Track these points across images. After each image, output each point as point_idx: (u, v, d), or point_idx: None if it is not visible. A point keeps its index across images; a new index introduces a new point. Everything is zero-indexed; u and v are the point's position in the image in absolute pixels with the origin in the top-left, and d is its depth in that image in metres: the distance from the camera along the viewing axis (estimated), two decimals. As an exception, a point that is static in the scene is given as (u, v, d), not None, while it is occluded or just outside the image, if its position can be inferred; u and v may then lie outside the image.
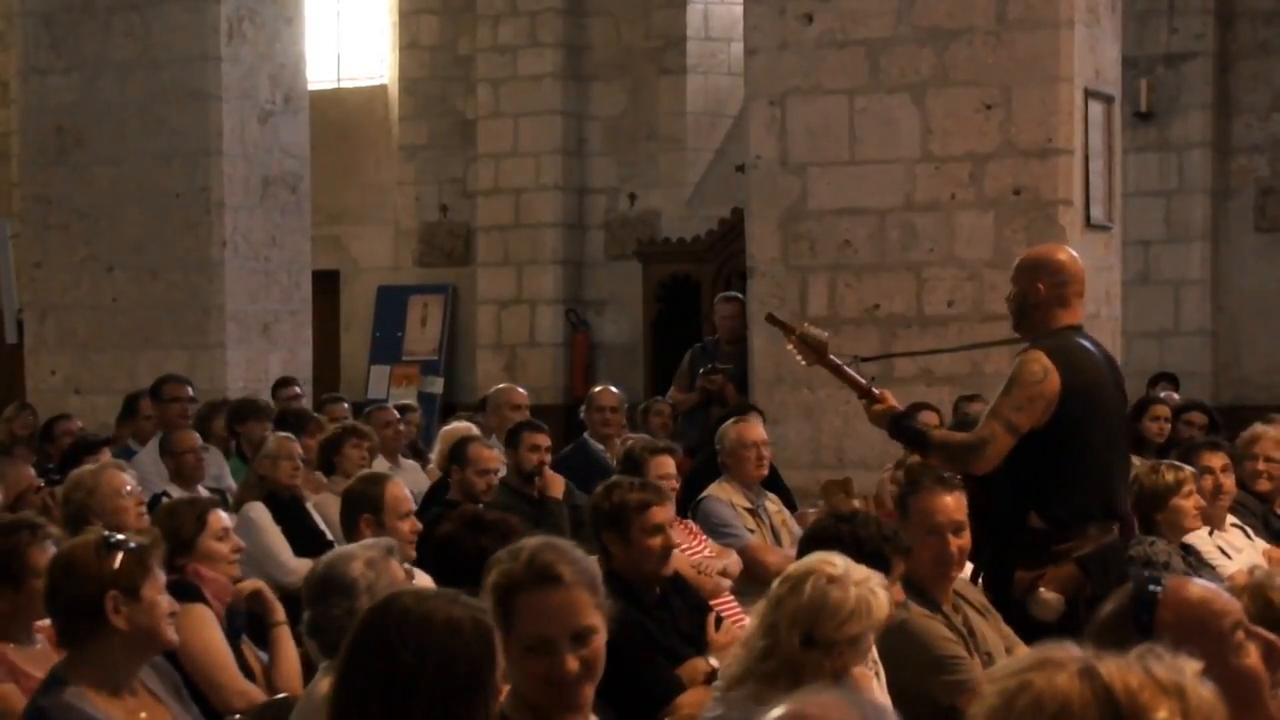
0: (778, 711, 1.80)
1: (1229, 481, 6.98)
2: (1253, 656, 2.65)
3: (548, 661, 3.09)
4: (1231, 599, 2.77)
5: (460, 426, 8.58)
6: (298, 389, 10.62)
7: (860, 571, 3.77)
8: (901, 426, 5.68)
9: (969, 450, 5.38)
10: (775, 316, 6.42)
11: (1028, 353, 5.43)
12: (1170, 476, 6.33)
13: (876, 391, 5.75)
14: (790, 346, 5.87)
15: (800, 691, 1.86)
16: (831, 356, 5.79)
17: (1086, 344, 5.56)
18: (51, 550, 4.44)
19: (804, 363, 5.87)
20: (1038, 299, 5.49)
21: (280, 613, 5.15)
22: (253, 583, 5.32)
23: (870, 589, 3.73)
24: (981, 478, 5.28)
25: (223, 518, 5.38)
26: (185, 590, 4.85)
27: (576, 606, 3.12)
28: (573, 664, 3.09)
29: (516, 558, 3.16)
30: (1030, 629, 5.11)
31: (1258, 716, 2.61)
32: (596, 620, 3.14)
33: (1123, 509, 5.69)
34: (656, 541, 4.96)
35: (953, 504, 4.92)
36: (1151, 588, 2.70)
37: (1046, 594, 5.30)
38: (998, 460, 5.32)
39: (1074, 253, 5.75)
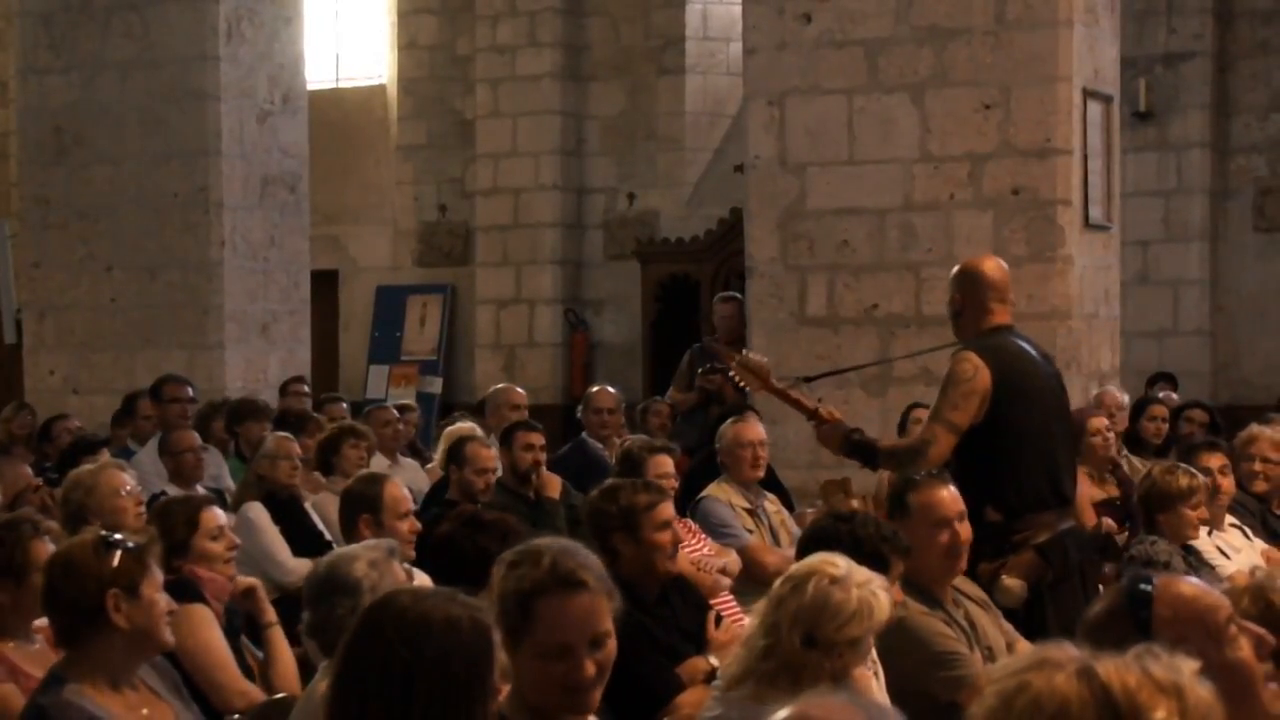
0: (783, 713, 1.80)
1: (1227, 482, 6.99)
2: (1245, 650, 2.68)
3: (566, 666, 3.08)
4: (1221, 595, 2.80)
5: (464, 426, 8.58)
6: (306, 388, 10.63)
7: (862, 573, 3.77)
8: (851, 442, 5.86)
9: (914, 453, 5.64)
10: (716, 345, 6.60)
11: (958, 354, 5.77)
12: (1184, 482, 6.30)
13: (823, 412, 5.98)
14: (733, 374, 6.07)
15: (804, 694, 1.86)
16: (774, 381, 5.95)
17: (1018, 341, 5.86)
18: (51, 546, 4.45)
19: (748, 389, 6.04)
20: (958, 307, 5.90)
21: (271, 614, 5.14)
22: (249, 580, 5.31)
23: (872, 591, 3.73)
24: None
25: (217, 515, 5.35)
26: (185, 589, 4.85)
27: (597, 612, 3.12)
28: (590, 669, 3.09)
29: (537, 563, 3.13)
30: None
31: (1252, 709, 2.62)
32: (610, 624, 3.15)
33: (1072, 494, 5.93)
34: (666, 537, 5.03)
35: (949, 496, 4.98)
36: (1144, 586, 2.73)
37: (1009, 581, 5.49)
38: (942, 460, 5.56)
39: (1000, 262, 6.06)
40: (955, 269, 6.04)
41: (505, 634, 3.06)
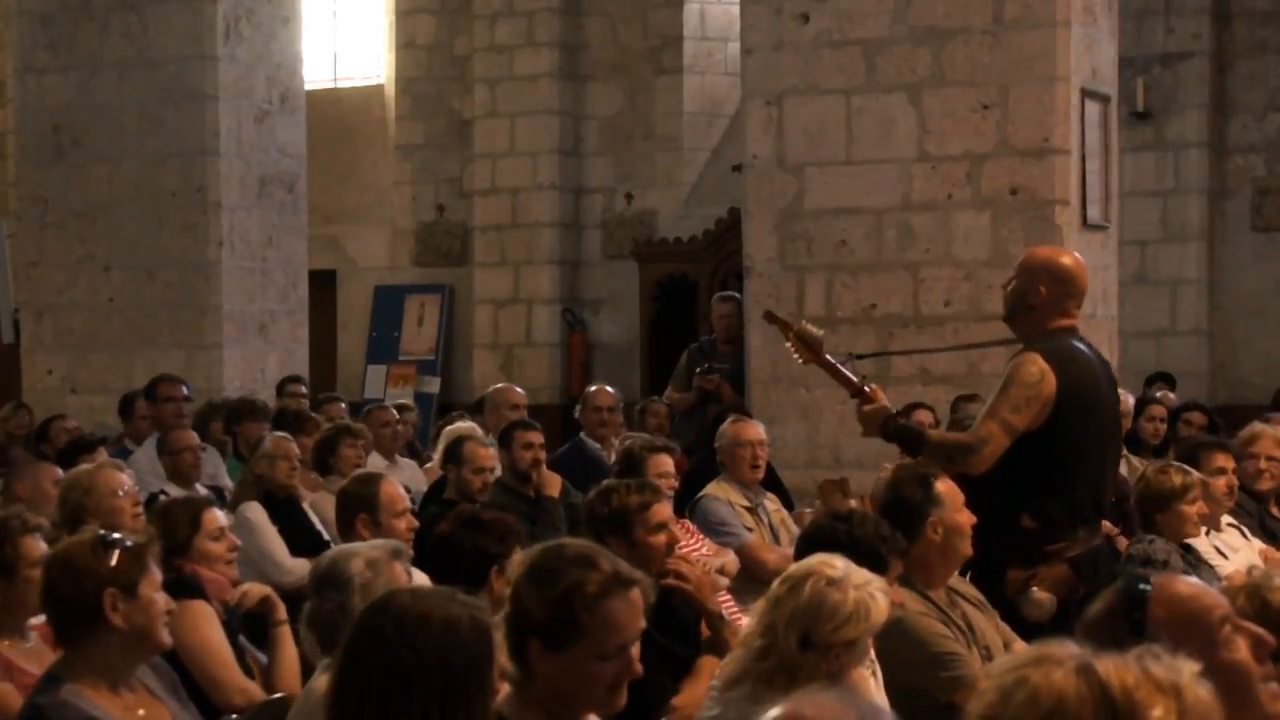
0: (775, 712, 1.80)
1: (1235, 482, 6.99)
2: (1242, 651, 2.68)
3: (619, 664, 3.09)
4: (1219, 595, 2.80)
5: (462, 426, 8.57)
6: (303, 387, 10.63)
7: (860, 575, 3.76)
8: (894, 425, 5.69)
9: (968, 450, 5.39)
10: (774, 314, 6.42)
11: (1024, 354, 5.44)
12: (1178, 480, 6.28)
13: (868, 390, 5.74)
14: (788, 344, 5.89)
15: (798, 692, 1.86)
16: (827, 355, 5.80)
17: (1080, 346, 5.58)
18: (41, 542, 4.45)
19: (800, 360, 5.90)
20: (1037, 301, 5.49)
21: (282, 612, 5.14)
22: (259, 588, 5.30)
23: (870, 593, 3.72)
24: (970, 477, 5.29)
25: (218, 517, 5.37)
26: (185, 585, 4.85)
27: (643, 606, 3.16)
28: (639, 664, 3.11)
29: (593, 565, 3.13)
30: (1022, 629, 5.13)
31: (1249, 710, 2.62)
32: None
33: (1107, 508, 5.75)
34: (661, 539, 5.01)
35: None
36: (1141, 586, 2.73)
37: (1040, 594, 5.35)
38: (994, 460, 5.34)
39: (1081, 259, 5.75)
40: (1034, 259, 5.66)
41: (546, 639, 3.07)
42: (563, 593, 3.09)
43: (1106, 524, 7.03)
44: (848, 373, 5.78)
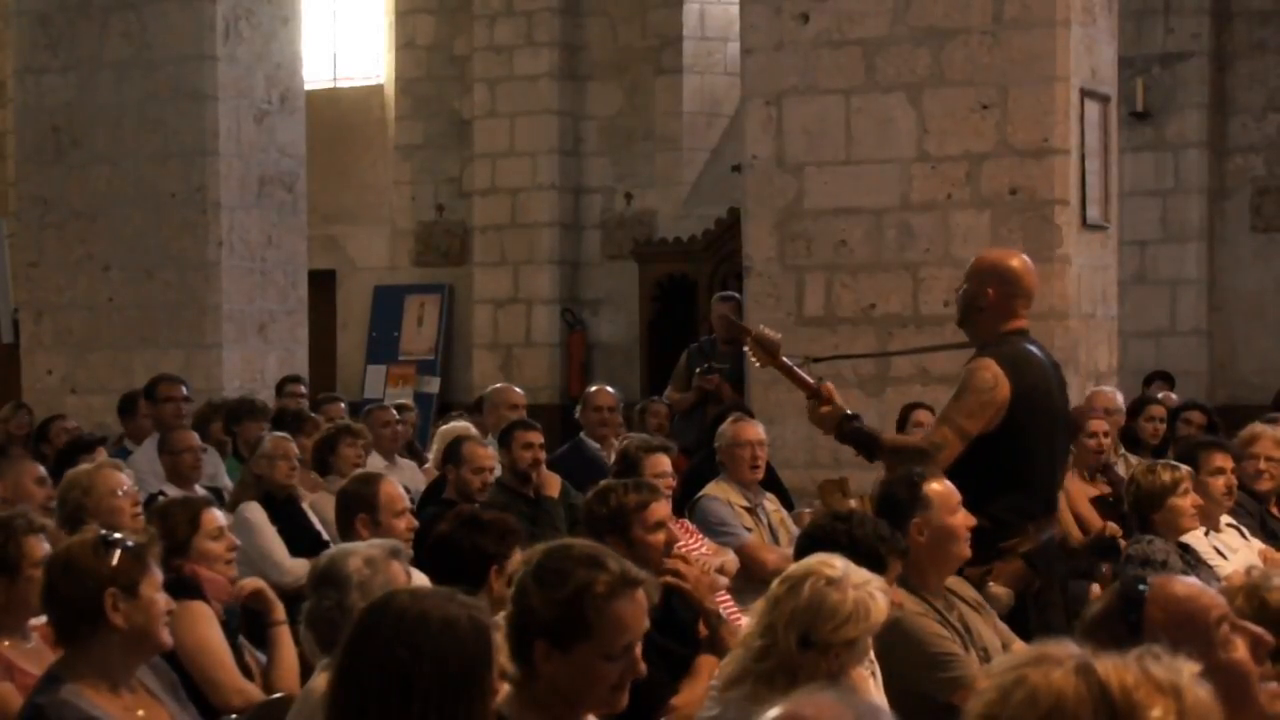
0: (775, 712, 1.81)
1: (1235, 482, 7.00)
2: (1240, 650, 2.68)
3: (623, 664, 3.10)
4: (1216, 595, 2.80)
5: (459, 426, 8.57)
6: (303, 387, 10.63)
7: (860, 574, 3.76)
8: (849, 428, 5.76)
9: (921, 455, 5.50)
10: (733, 320, 6.54)
11: (978, 360, 5.60)
12: (1166, 476, 6.32)
13: (824, 391, 5.84)
14: (746, 348, 6.01)
15: (796, 692, 1.87)
16: (784, 358, 5.89)
17: (1033, 349, 5.73)
18: (45, 542, 4.45)
19: (758, 364, 6.01)
20: (985, 303, 5.66)
21: (280, 611, 5.14)
22: (254, 581, 5.31)
23: (869, 592, 3.72)
24: None
25: (217, 516, 5.36)
26: (185, 586, 4.85)
27: (647, 606, 3.16)
28: (643, 664, 3.12)
29: (602, 566, 3.13)
30: None
31: (1248, 710, 2.63)
32: None
33: (1056, 504, 5.92)
34: (660, 538, 5.02)
35: (950, 485, 5.04)
36: (1139, 586, 2.74)
37: (997, 589, 5.45)
38: (948, 464, 5.44)
39: (1028, 260, 5.89)
40: (981, 262, 5.82)
41: (553, 639, 3.07)
42: (572, 593, 3.09)
43: (1112, 526, 7.07)
44: (804, 375, 5.89)
